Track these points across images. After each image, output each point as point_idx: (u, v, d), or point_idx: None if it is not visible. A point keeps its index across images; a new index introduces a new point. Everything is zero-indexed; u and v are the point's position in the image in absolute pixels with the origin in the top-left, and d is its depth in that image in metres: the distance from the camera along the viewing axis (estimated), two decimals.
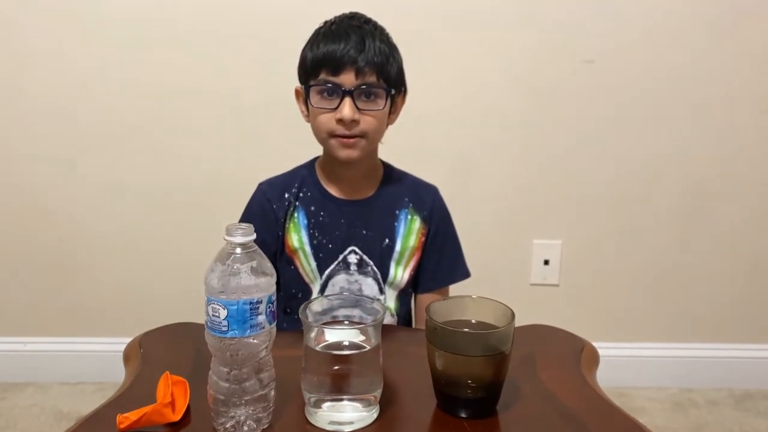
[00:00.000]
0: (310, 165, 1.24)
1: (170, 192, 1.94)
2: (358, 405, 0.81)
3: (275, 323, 0.81)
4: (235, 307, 0.76)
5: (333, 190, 1.20)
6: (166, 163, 1.92)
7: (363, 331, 0.82)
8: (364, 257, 1.19)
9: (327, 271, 1.19)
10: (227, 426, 0.78)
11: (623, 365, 2.03)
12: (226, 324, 0.76)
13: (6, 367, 2.04)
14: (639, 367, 2.06)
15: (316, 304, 0.86)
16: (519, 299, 0.86)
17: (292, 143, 1.26)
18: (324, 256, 1.19)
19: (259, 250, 0.80)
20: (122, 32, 1.82)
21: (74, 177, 1.93)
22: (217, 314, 0.76)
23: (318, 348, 0.80)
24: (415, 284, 1.27)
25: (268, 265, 0.79)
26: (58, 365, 2.04)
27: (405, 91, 1.20)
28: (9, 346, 2.04)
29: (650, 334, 2.07)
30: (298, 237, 1.19)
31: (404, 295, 1.25)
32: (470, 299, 0.86)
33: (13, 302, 2.03)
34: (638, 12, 1.83)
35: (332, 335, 0.82)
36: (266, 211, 1.20)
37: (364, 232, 1.19)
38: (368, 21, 1.15)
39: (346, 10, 1.18)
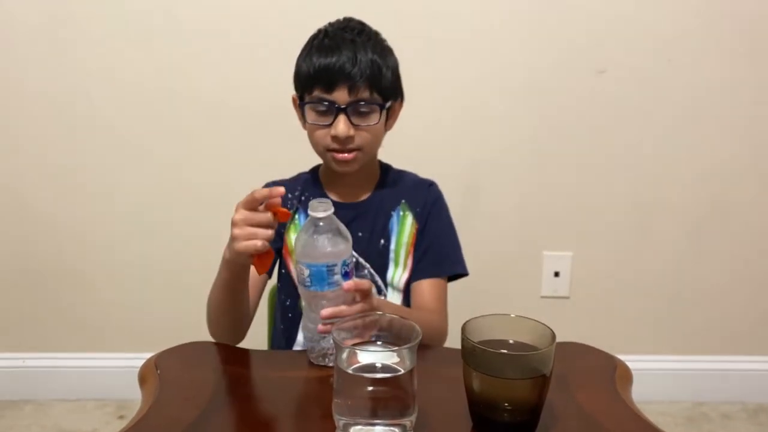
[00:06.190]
0: (314, 170, 1.27)
1: (174, 205, 1.90)
2: (392, 430, 0.77)
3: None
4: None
5: (332, 194, 1.22)
6: (169, 175, 1.89)
7: (398, 353, 0.78)
8: (360, 260, 1.18)
9: None
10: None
11: (635, 379, 1.98)
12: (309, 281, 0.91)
13: (4, 384, 1.99)
14: (651, 380, 2.02)
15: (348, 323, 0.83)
16: (529, 312, 0.84)
17: (297, 152, 1.25)
18: None
19: (337, 221, 0.91)
20: (121, 38, 1.80)
21: (76, 189, 1.89)
22: (302, 273, 0.92)
23: (350, 370, 0.77)
24: None
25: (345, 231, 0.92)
26: (57, 382, 1.99)
27: (402, 97, 1.21)
28: (7, 362, 1.99)
29: (662, 347, 2.04)
30: None
31: (409, 298, 1.21)
32: (507, 318, 0.82)
33: (10, 317, 1.98)
34: (650, 21, 1.81)
35: (365, 357, 0.78)
36: None
37: (360, 234, 1.18)
38: (362, 31, 1.15)
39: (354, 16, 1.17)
